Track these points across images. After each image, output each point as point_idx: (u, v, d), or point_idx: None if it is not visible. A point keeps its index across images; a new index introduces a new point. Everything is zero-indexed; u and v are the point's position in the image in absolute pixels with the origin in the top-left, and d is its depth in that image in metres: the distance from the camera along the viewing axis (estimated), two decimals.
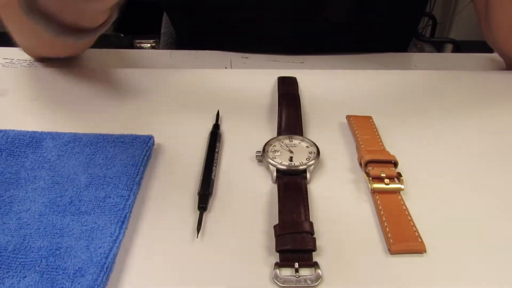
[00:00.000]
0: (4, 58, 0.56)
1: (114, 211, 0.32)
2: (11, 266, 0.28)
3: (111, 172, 0.35)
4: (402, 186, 0.36)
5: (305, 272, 0.29)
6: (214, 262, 0.30)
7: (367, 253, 0.31)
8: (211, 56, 0.60)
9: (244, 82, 0.52)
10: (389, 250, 0.31)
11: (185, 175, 0.37)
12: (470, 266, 0.30)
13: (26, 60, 0.56)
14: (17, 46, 0.56)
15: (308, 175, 0.37)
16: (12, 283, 0.27)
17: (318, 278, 0.29)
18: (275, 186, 0.36)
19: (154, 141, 0.39)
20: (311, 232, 0.31)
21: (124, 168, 0.36)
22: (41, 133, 0.39)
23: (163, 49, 0.78)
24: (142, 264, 0.30)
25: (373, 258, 0.31)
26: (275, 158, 0.38)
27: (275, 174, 0.37)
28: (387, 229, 0.32)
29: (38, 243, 0.30)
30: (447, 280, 0.29)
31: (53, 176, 0.35)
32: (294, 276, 0.29)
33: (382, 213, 0.33)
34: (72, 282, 0.27)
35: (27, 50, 0.55)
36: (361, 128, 0.42)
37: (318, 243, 0.31)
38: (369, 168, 0.37)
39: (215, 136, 0.41)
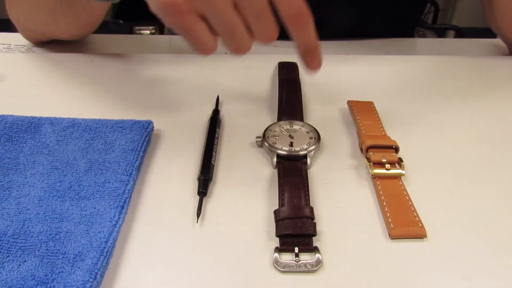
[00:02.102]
0: (2, 44, 0.56)
1: (113, 196, 0.32)
2: (11, 251, 0.28)
3: (110, 157, 0.35)
4: (403, 172, 0.35)
5: (305, 257, 0.29)
6: (214, 247, 0.30)
7: (368, 238, 0.31)
8: None
9: (244, 67, 0.51)
10: (389, 235, 0.31)
11: (184, 160, 0.37)
12: (470, 250, 0.30)
13: (24, 46, 0.56)
14: (16, 31, 0.55)
15: (308, 160, 0.36)
16: (12, 268, 0.27)
17: (318, 262, 0.29)
18: (275, 171, 0.36)
19: (153, 126, 0.39)
20: (312, 217, 0.31)
21: (123, 153, 0.35)
22: (40, 118, 0.39)
23: (168, 32, 0.78)
24: (142, 249, 0.30)
25: (373, 243, 0.31)
26: (276, 143, 0.37)
27: (275, 159, 0.36)
28: (388, 214, 0.32)
29: (38, 228, 0.30)
30: (447, 265, 0.29)
31: (52, 161, 0.35)
32: (294, 260, 0.29)
33: (382, 198, 0.33)
34: (72, 266, 0.27)
35: (33, 27, 0.53)
36: (362, 113, 0.42)
37: (318, 228, 0.31)
38: (370, 153, 0.37)
39: (215, 121, 0.40)
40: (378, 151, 0.37)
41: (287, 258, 0.29)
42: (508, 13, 0.54)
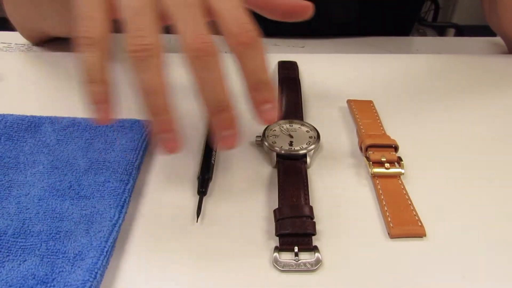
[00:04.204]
0: (2, 43, 0.56)
1: (113, 196, 0.32)
2: (11, 250, 0.28)
3: (110, 157, 0.35)
4: (403, 171, 0.35)
5: (305, 256, 0.29)
6: (214, 247, 0.30)
7: (367, 237, 0.31)
8: None
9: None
10: (389, 234, 0.31)
11: (184, 160, 0.37)
12: (470, 249, 0.30)
13: (24, 45, 0.56)
14: (15, 30, 0.55)
15: (308, 159, 0.36)
16: (12, 267, 0.27)
17: (318, 262, 0.29)
18: (275, 171, 0.36)
19: None
20: (311, 216, 0.31)
21: (123, 153, 0.35)
22: (40, 118, 0.39)
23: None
24: (142, 248, 0.30)
25: (373, 242, 0.31)
26: (275, 142, 0.37)
27: (275, 158, 0.36)
28: (387, 213, 0.32)
29: (38, 227, 0.30)
30: (446, 264, 0.29)
31: (52, 161, 0.35)
32: (294, 260, 0.29)
33: (382, 197, 0.33)
34: (72, 265, 0.27)
35: (26, 23, 0.53)
36: (361, 112, 0.42)
37: (318, 227, 0.31)
38: (369, 152, 0.37)
39: None
40: (377, 150, 0.37)
41: (286, 257, 0.29)
42: (509, 11, 0.53)
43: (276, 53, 0.55)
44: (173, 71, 0.51)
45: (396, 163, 0.36)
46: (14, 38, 0.56)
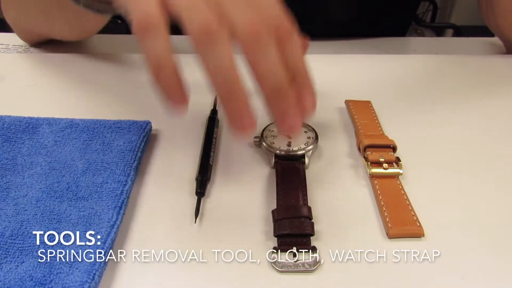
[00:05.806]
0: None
1: (111, 197, 0.32)
2: (8, 252, 0.28)
3: (108, 158, 0.35)
4: (401, 171, 0.35)
5: (303, 256, 0.29)
6: (212, 248, 0.30)
7: (365, 238, 0.31)
8: None
9: (242, 67, 0.51)
10: (387, 234, 0.31)
11: (183, 161, 0.37)
12: (468, 249, 0.30)
13: (22, 46, 0.56)
14: (13, 31, 0.55)
15: (306, 160, 0.36)
16: (10, 269, 0.27)
17: (316, 262, 0.29)
18: (273, 171, 0.36)
19: (151, 127, 0.39)
20: (309, 217, 0.31)
21: (121, 154, 0.35)
22: (38, 119, 0.39)
23: None
24: (140, 249, 0.30)
25: (371, 242, 0.31)
26: (273, 143, 0.37)
27: (273, 159, 0.36)
28: (386, 214, 0.32)
29: (36, 229, 0.30)
30: (445, 264, 0.29)
31: (50, 162, 0.35)
32: (292, 260, 0.29)
33: (380, 197, 0.33)
34: (70, 267, 0.27)
35: (28, 28, 0.53)
36: (360, 112, 0.42)
37: (316, 227, 0.31)
38: (367, 152, 0.37)
39: (213, 121, 0.40)
40: (375, 150, 0.37)
41: (285, 258, 0.29)
42: (507, 13, 0.53)
43: None
44: None
45: (394, 163, 0.36)
46: (12, 39, 0.56)
